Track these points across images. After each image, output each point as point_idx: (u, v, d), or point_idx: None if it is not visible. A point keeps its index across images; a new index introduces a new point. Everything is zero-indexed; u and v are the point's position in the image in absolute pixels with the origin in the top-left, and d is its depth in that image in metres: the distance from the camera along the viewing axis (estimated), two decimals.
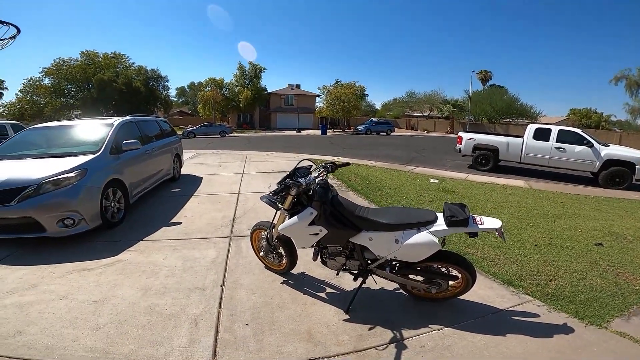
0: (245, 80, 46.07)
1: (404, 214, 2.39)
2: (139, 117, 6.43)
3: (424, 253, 2.27)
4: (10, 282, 2.97)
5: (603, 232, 4.61)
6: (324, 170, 2.67)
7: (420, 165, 11.23)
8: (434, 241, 2.21)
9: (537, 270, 3.30)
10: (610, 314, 2.58)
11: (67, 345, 2.15)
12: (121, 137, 5.08)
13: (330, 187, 2.57)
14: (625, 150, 9.26)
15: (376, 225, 2.35)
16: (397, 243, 2.30)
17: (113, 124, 5.22)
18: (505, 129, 35.86)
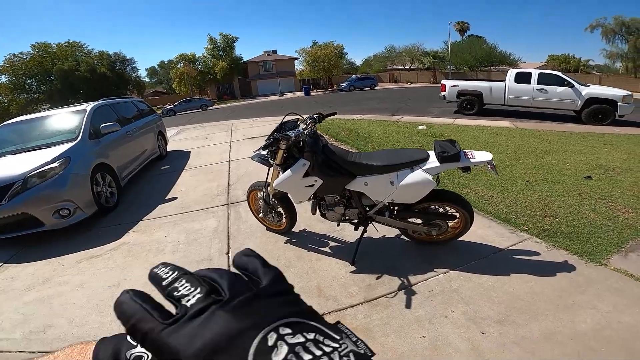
0: (219, 51, 44.47)
1: (396, 154, 2.38)
2: (112, 100, 6.19)
3: (420, 192, 2.28)
4: (24, 279, 2.95)
5: (591, 165, 4.73)
6: (311, 122, 2.60)
7: (407, 115, 11.26)
8: (428, 179, 2.21)
9: (532, 207, 3.39)
10: (607, 250, 2.60)
11: (95, 332, 2.18)
12: (98, 121, 4.90)
13: (320, 137, 2.53)
14: (605, 89, 9.43)
15: (370, 169, 2.34)
16: (392, 185, 2.30)
17: (86, 110, 5.02)
18: (487, 75, 35.76)
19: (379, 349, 1.84)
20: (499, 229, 3.01)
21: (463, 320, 1.98)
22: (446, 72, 38.45)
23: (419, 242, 2.77)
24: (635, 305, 1.99)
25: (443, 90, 11.43)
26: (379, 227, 2.77)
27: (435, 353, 1.78)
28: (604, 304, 2.02)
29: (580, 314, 1.95)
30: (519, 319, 1.95)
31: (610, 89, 9.43)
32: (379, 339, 1.89)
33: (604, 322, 1.89)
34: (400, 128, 8.35)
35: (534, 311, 2.00)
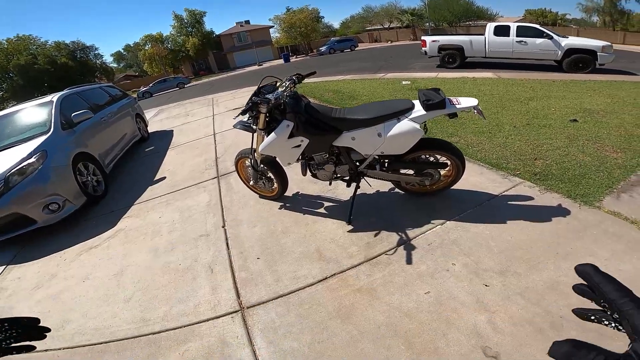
0: (187, 28, 42.71)
1: (380, 106, 2.33)
2: (79, 88, 5.91)
3: (409, 142, 2.26)
4: (31, 278, 2.90)
5: (575, 109, 4.75)
6: (290, 83, 2.51)
7: (390, 72, 11.18)
8: (416, 127, 2.18)
9: (521, 151, 3.41)
10: (599, 191, 2.57)
11: (110, 322, 2.17)
12: (68, 111, 4.67)
13: (302, 97, 2.46)
14: (584, 40, 9.60)
15: (356, 123, 2.30)
16: (380, 137, 2.27)
17: (52, 101, 4.77)
18: (467, 30, 35.41)
19: (385, 308, 1.85)
20: (490, 175, 3.02)
21: (465, 273, 1.98)
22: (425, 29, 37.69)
23: (413, 194, 2.76)
24: (633, 251, 1.96)
25: (424, 46, 11.42)
26: (372, 182, 2.75)
27: (441, 308, 1.77)
28: (602, 250, 1.99)
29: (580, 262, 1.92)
30: (520, 268, 1.94)
31: (589, 40, 9.59)
32: (384, 298, 1.90)
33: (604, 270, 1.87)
34: (384, 85, 8.27)
35: (535, 260, 1.99)
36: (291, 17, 38.59)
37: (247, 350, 1.77)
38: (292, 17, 38.53)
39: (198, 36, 41.81)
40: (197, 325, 2.00)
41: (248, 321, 1.95)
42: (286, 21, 38.53)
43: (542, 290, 1.78)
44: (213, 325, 1.98)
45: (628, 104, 4.98)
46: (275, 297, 2.08)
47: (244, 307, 2.05)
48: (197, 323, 2.02)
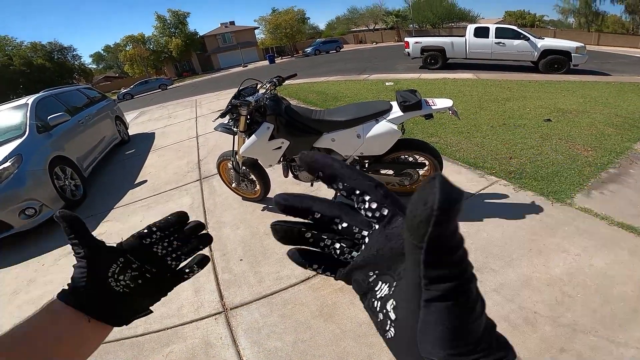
0: (170, 29, 42.07)
1: (359, 108, 2.38)
2: (55, 90, 5.75)
3: (387, 142, 2.31)
4: (9, 284, 2.82)
5: (549, 109, 4.94)
6: (270, 85, 2.53)
7: (374, 73, 11.32)
8: (394, 128, 2.24)
9: (497, 150, 3.53)
10: (570, 189, 2.67)
11: None
12: (44, 114, 4.54)
13: (282, 99, 2.48)
14: (559, 41, 9.97)
15: (335, 125, 2.34)
16: (359, 138, 2.31)
17: (28, 103, 4.63)
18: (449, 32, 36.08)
19: None
20: (468, 174, 3.12)
21: None
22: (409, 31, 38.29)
23: None
24: (603, 247, 2.03)
25: (407, 48, 11.57)
26: None
27: None
28: (574, 246, 2.06)
29: (553, 258, 2.02)
30: (496, 265, 2.02)
31: (563, 41, 9.94)
32: None
33: (575, 266, 1.95)
34: (368, 86, 8.37)
35: (509, 256, 2.06)
36: (277, 18, 38.55)
37: (231, 350, 1.78)
38: (277, 18, 38.49)
39: (181, 37, 41.31)
40: (181, 327, 2.00)
41: (232, 322, 1.96)
42: (272, 22, 38.46)
43: (517, 287, 1.85)
44: (196, 326, 1.98)
45: (600, 103, 5.21)
46: (258, 298, 2.10)
47: (228, 309, 2.06)
48: (181, 325, 2.01)
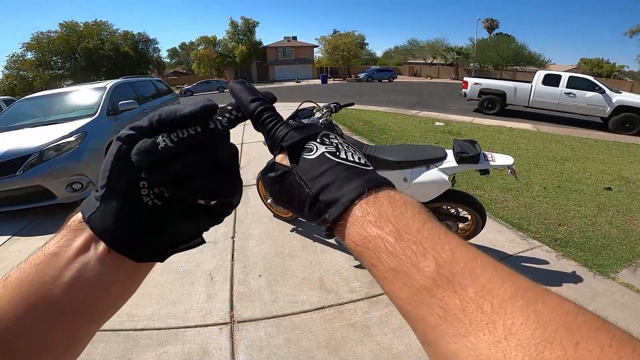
0: (239, 35, 45.08)
1: (412, 150, 2.33)
2: (132, 79, 6.29)
3: (434, 192, 2.23)
4: None
5: (612, 176, 4.57)
6: (327, 111, 2.56)
7: (425, 110, 11.12)
8: (444, 179, 2.16)
9: (546, 214, 3.31)
10: (618, 264, 2.56)
11: None
12: (116, 99, 4.97)
13: (336, 127, 2.49)
14: (638, 97, 9.00)
15: (384, 164, 2.29)
16: (405, 182, 2.25)
17: (106, 87, 5.10)
18: (512, 75, 34.85)
19: (374, 347, 1.83)
20: (509, 234, 2.95)
21: None
22: (469, 69, 37.61)
23: None
24: (636, 320, 1.99)
25: (465, 88, 11.20)
26: None
27: None
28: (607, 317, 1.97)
29: None
30: None
31: None
32: (376, 337, 1.88)
33: None
34: (416, 123, 8.23)
35: None
36: (336, 40, 39.82)
37: None
38: (337, 40, 39.75)
39: (247, 44, 43.88)
40: (183, 329, 2.02)
41: (236, 335, 1.95)
42: (331, 43, 39.77)
43: None
44: (199, 332, 1.99)
45: None
46: (268, 317, 2.08)
47: (235, 321, 2.06)
48: (183, 328, 2.03)
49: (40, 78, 35.13)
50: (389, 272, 0.24)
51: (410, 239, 0.24)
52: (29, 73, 35.66)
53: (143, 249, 0.28)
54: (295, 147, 0.31)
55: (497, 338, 0.18)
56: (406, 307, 0.23)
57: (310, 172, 0.29)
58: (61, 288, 0.26)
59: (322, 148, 0.31)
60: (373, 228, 0.25)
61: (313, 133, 0.32)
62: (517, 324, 0.18)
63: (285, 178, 0.31)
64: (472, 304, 0.20)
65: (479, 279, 0.21)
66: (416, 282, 0.22)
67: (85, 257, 0.27)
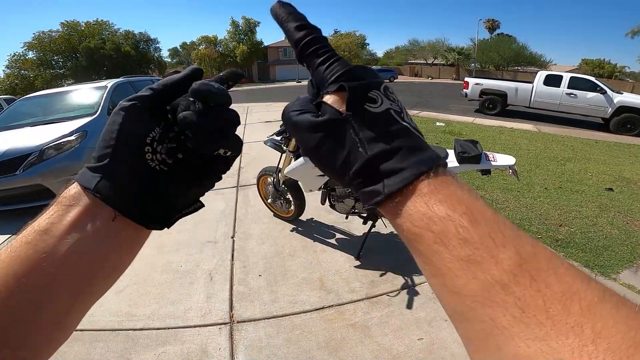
0: (240, 35, 45.26)
1: None
2: (132, 78, 6.34)
3: None
4: None
5: (613, 176, 4.56)
6: None
7: (425, 110, 11.13)
8: None
9: (547, 215, 3.31)
10: (619, 264, 2.57)
11: (94, 311, 2.18)
12: (117, 98, 4.98)
13: None
14: (639, 97, 8.99)
15: None
16: None
17: (107, 86, 5.13)
18: (513, 76, 34.88)
19: (375, 348, 1.82)
20: None
21: None
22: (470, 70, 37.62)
23: None
24: None
25: (465, 88, 11.19)
26: (388, 222, 2.72)
27: (430, 356, 1.75)
28: None
29: None
30: None
31: None
32: (376, 338, 1.88)
33: None
34: (417, 123, 7.72)
35: None
36: (337, 40, 40.05)
37: None
38: (338, 40, 40.00)
39: (248, 44, 44.06)
40: (182, 329, 2.01)
41: (235, 335, 1.94)
42: (332, 43, 39.59)
43: None
44: (198, 332, 1.98)
45: None
46: (268, 317, 2.07)
47: (235, 321, 2.05)
48: (183, 327, 2.03)
49: (41, 77, 35.21)
50: (457, 261, 0.20)
51: (489, 225, 0.20)
52: (30, 72, 35.74)
53: (152, 214, 0.28)
54: (358, 90, 0.26)
55: (584, 342, 0.16)
56: (471, 305, 0.20)
57: (372, 129, 0.25)
58: (54, 265, 0.25)
59: (388, 103, 0.26)
60: (442, 207, 0.21)
61: (377, 81, 0.27)
62: (607, 327, 0.16)
63: (335, 126, 0.25)
64: (558, 305, 0.18)
65: (564, 278, 0.19)
66: (491, 275, 0.19)
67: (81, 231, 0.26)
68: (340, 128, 0.25)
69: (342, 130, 0.25)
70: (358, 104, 0.25)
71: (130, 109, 0.27)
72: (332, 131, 0.25)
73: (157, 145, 0.28)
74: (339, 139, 0.25)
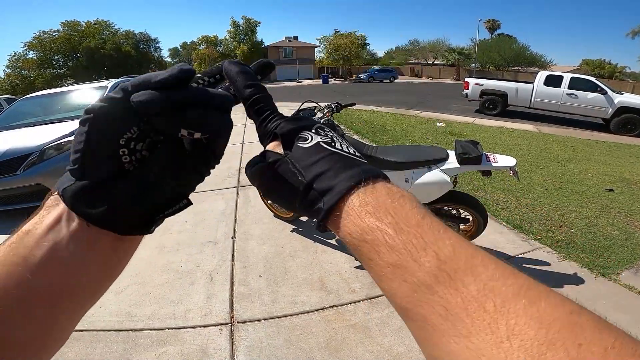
0: (240, 35, 45.36)
1: (413, 151, 2.32)
2: (132, 78, 6.28)
3: (436, 193, 2.22)
4: None
5: (614, 177, 4.56)
6: (328, 111, 2.55)
7: (426, 110, 11.10)
8: (445, 180, 2.15)
9: (548, 215, 3.30)
10: (619, 265, 2.56)
11: (95, 311, 2.19)
12: None
13: (337, 127, 2.48)
14: (639, 98, 8.96)
15: (385, 164, 2.28)
16: (407, 183, 2.24)
17: (107, 86, 5.15)
18: (514, 76, 34.86)
19: (375, 348, 1.82)
20: (510, 235, 2.94)
21: None
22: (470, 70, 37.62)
23: None
24: (638, 322, 1.98)
25: (466, 88, 11.18)
26: None
27: None
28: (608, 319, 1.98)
29: None
30: None
31: None
32: (377, 339, 1.88)
33: None
34: (417, 123, 8.23)
35: None
36: (338, 40, 40.00)
37: None
38: (338, 40, 39.91)
39: (248, 44, 44.18)
40: (183, 330, 2.01)
41: (235, 336, 1.94)
42: (332, 43, 39.94)
43: None
44: (198, 333, 1.98)
45: None
46: (268, 318, 2.07)
47: (235, 322, 2.05)
48: (183, 328, 2.02)
49: (41, 77, 35.27)
50: (388, 267, 0.22)
51: (411, 232, 0.22)
52: (31, 72, 35.79)
53: (125, 219, 0.26)
54: (290, 134, 0.31)
55: (500, 338, 0.17)
56: (406, 305, 0.22)
57: (305, 160, 0.29)
58: (30, 269, 0.23)
59: (317, 138, 0.30)
60: (371, 219, 0.24)
61: (308, 124, 0.32)
62: (520, 323, 0.17)
63: (277, 166, 0.30)
64: (475, 303, 0.19)
65: (481, 276, 0.20)
66: (416, 278, 0.21)
67: (57, 234, 0.25)
68: (282, 166, 0.29)
69: (285, 167, 0.29)
70: (291, 144, 0.30)
71: (99, 112, 0.26)
72: (276, 169, 0.30)
73: (135, 145, 0.27)
74: (283, 175, 0.29)
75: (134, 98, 0.25)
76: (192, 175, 0.30)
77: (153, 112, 0.25)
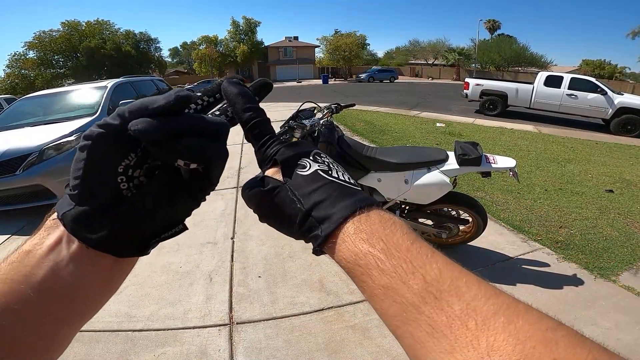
0: (240, 35, 45.36)
1: (413, 152, 2.32)
2: (133, 78, 6.34)
3: (435, 194, 2.22)
4: None
5: (614, 178, 4.56)
6: (328, 112, 2.54)
7: (426, 110, 11.09)
8: (445, 181, 2.15)
9: (547, 217, 3.30)
10: (619, 266, 2.56)
11: None
12: (117, 98, 4.98)
13: (336, 128, 2.48)
14: (639, 98, 8.96)
15: (385, 166, 2.28)
16: (406, 184, 2.24)
17: (107, 86, 5.12)
18: (514, 76, 34.87)
19: (374, 349, 1.82)
20: (510, 236, 2.94)
21: None
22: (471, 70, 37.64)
23: None
24: (637, 324, 1.98)
25: (466, 89, 11.16)
26: None
27: None
28: (606, 320, 2.01)
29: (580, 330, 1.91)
30: None
31: None
32: (376, 340, 1.87)
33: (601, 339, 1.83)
34: (417, 124, 8.22)
35: None
36: (338, 40, 40.03)
37: None
38: (339, 40, 39.95)
39: (248, 44, 44.16)
40: (182, 330, 2.01)
41: (234, 337, 1.94)
42: (333, 43, 39.97)
43: None
44: (197, 334, 1.98)
45: None
46: (267, 319, 2.07)
47: (234, 322, 2.05)
48: (182, 329, 2.02)
49: (41, 77, 35.24)
50: (380, 289, 0.24)
51: (400, 256, 0.24)
52: (31, 72, 35.77)
53: (124, 243, 0.28)
54: (289, 162, 0.32)
55: (481, 354, 0.19)
56: (396, 323, 0.24)
57: (304, 188, 0.30)
58: (32, 287, 0.25)
59: (315, 165, 0.31)
60: (365, 245, 0.26)
61: (306, 150, 0.33)
62: (499, 340, 0.19)
63: (276, 192, 0.31)
64: (458, 321, 0.20)
65: (464, 297, 0.21)
66: (405, 299, 0.23)
67: (57, 255, 0.26)
68: (281, 193, 0.31)
69: (283, 194, 0.30)
70: (290, 172, 0.31)
71: (97, 139, 0.26)
72: (275, 196, 0.31)
73: (133, 172, 0.28)
74: (282, 201, 0.30)
75: (131, 126, 0.25)
76: (188, 201, 0.31)
77: (150, 140, 0.26)
